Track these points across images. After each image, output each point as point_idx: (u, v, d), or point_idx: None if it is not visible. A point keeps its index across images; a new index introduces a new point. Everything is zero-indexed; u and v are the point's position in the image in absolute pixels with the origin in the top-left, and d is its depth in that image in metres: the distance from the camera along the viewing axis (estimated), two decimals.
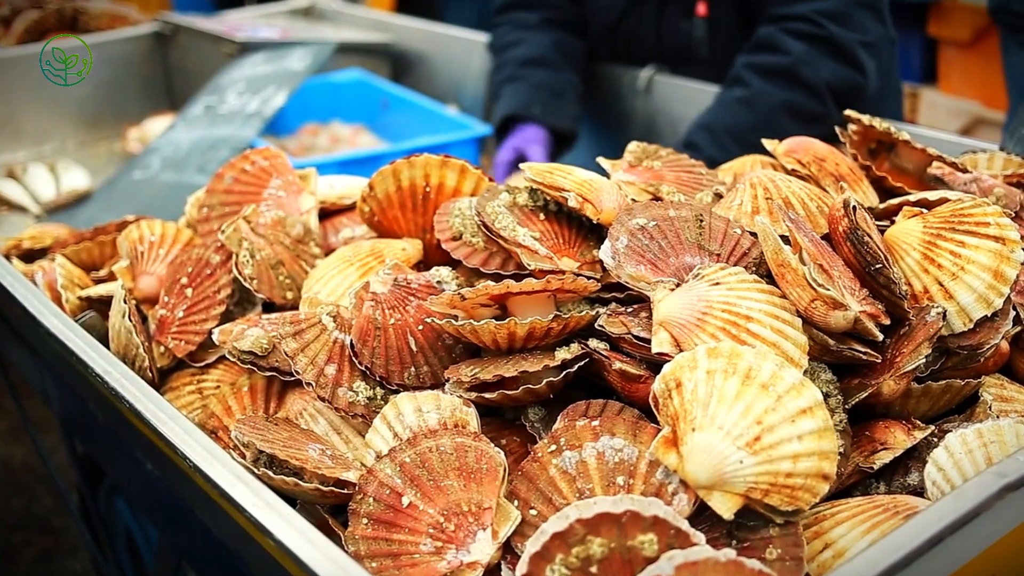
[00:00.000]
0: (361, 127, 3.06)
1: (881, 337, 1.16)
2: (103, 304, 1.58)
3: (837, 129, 1.60)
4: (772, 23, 2.29)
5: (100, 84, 3.31)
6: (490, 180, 1.48)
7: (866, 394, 1.16)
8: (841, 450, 1.12)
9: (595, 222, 1.33)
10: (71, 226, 2.22)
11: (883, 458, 1.16)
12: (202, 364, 1.43)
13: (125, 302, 1.41)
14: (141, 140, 3.10)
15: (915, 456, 1.18)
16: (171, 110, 3.31)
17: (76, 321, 1.44)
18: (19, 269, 1.72)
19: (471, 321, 1.17)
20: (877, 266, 1.18)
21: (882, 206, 1.41)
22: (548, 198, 1.38)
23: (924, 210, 1.33)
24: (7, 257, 1.90)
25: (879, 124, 1.53)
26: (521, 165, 1.39)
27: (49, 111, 3.23)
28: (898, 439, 1.18)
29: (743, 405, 1.01)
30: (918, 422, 1.20)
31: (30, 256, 1.95)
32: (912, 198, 1.37)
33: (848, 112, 1.57)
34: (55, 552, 3.37)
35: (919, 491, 1.14)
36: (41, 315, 1.44)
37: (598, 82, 2.73)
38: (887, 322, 1.18)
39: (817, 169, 1.45)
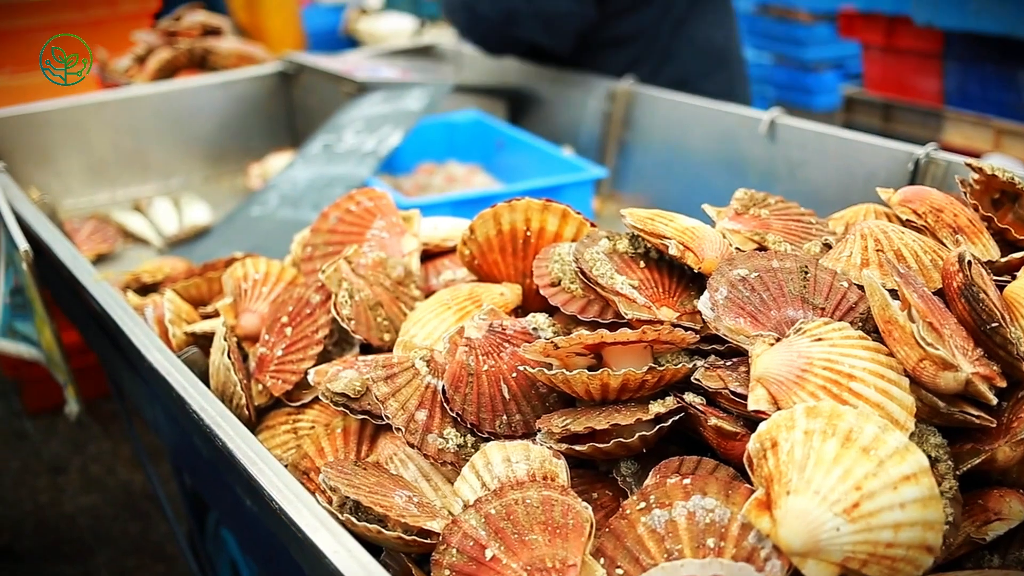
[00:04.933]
0: (477, 167, 3.07)
1: (995, 401, 1.10)
2: (208, 340, 1.60)
3: (957, 178, 1.53)
4: None
5: (226, 121, 3.39)
6: (592, 225, 1.45)
7: (979, 460, 1.10)
8: (950, 519, 1.06)
9: (696, 271, 1.29)
10: (189, 260, 2.28)
11: (997, 529, 1.09)
12: (298, 404, 1.43)
13: (225, 339, 1.42)
14: (262, 176, 3.16)
15: None
16: (293, 147, 3.38)
17: (179, 357, 1.46)
18: (133, 302, 1.76)
19: (564, 370, 1.15)
20: (993, 325, 1.12)
21: (1003, 260, 1.34)
22: (649, 245, 1.35)
23: None
24: (124, 290, 1.96)
25: (1002, 174, 1.46)
26: (622, 211, 1.36)
27: (177, 146, 3.32)
28: (1014, 509, 1.11)
29: (841, 469, 0.96)
30: None
31: (147, 289, 2.00)
32: None
33: (969, 161, 1.51)
34: None
35: None
36: (146, 349, 1.47)
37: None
38: (1003, 384, 1.11)
39: (934, 220, 1.39)
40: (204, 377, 1.46)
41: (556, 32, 3.07)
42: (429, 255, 1.67)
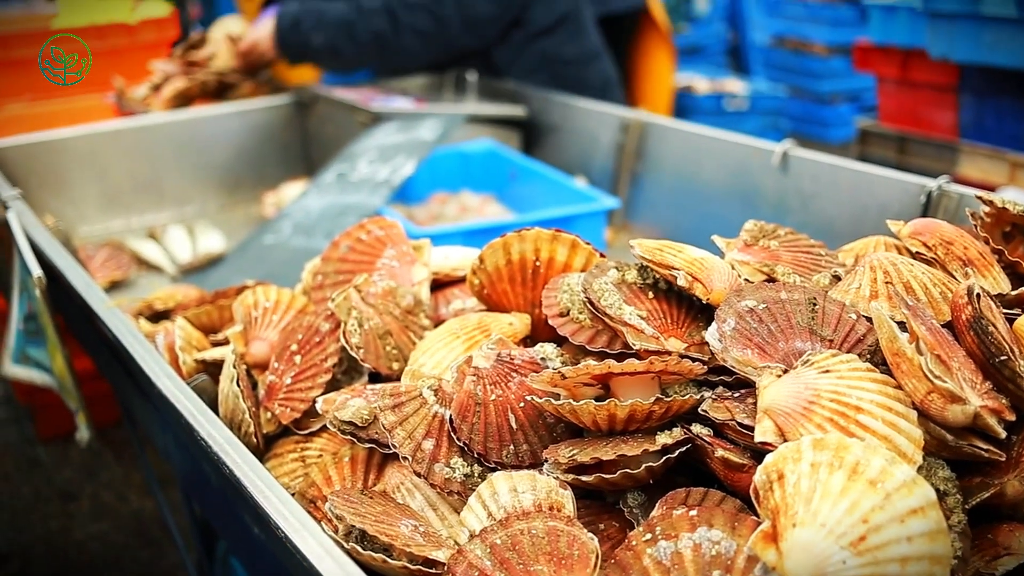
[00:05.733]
0: (490, 197, 3.07)
1: (1004, 434, 1.09)
2: (218, 367, 1.60)
3: (968, 211, 1.53)
4: None
5: (241, 149, 3.41)
6: (601, 256, 1.46)
7: (988, 494, 1.09)
8: (959, 553, 1.05)
9: (705, 302, 1.29)
10: (202, 288, 2.28)
11: (1006, 564, 1.08)
12: (306, 432, 1.43)
13: (235, 367, 1.43)
14: (277, 205, 3.17)
15: None
16: (307, 176, 3.39)
17: (188, 384, 1.46)
18: (144, 329, 1.76)
19: (571, 401, 1.15)
20: (1002, 358, 1.11)
21: (1013, 293, 1.34)
22: (658, 276, 1.35)
23: None
24: (136, 317, 1.96)
25: (1013, 207, 1.46)
26: (631, 242, 1.36)
27: (192, 175, 3.34)
28: (1023, 544, 1.10)
29: (848, 502, 0.96)
30: None
31: (159, 317, 2.00)
32: None
33: (980, 194, 1.50)
34: None
35: None
36: (156, 376, 1.47)
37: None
38: (1012, 418, 1.11)
39: (944, 252, 1.39)
40: (213, 404, 1.46)
41: (483, 35, 3.42)
42: (439, 284, 1.67)
